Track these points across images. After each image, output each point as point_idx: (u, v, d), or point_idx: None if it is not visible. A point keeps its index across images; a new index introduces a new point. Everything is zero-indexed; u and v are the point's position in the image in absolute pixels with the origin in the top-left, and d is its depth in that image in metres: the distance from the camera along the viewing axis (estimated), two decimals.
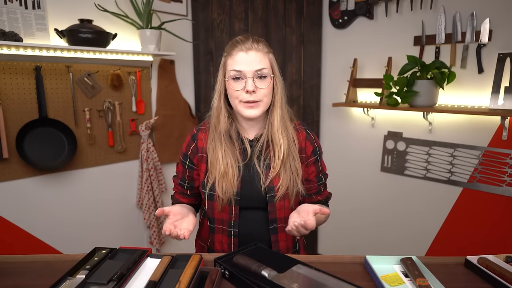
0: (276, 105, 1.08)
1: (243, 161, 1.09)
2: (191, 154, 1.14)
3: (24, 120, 1.75)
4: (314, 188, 1.17)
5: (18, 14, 1.65)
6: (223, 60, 1.07)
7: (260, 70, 1.02)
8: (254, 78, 1.01)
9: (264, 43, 1.06)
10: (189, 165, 1.15)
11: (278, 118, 1.08)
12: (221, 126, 1.08)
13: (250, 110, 1.03)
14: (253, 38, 1.05)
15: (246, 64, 1.01)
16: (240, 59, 1.02)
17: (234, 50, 1.03)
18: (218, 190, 1.05)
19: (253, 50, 1.02)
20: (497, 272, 0.86)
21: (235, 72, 1.02)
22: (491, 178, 1.86)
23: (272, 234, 1.10)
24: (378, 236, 2.39)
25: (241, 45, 1.02)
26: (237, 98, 1.03)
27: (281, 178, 1.06)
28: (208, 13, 2.39)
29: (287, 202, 1.09)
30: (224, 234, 1.11)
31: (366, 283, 0.87)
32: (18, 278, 0.89)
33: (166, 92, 2.30)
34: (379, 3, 2.19)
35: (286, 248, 1.14)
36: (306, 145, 1.13)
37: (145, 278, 0.86)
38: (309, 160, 1.14)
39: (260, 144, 1.09)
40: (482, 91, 1.85)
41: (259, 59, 1.02)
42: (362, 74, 2.33)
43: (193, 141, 1.14)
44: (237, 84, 1.03)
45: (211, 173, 1.08)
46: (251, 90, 1.01)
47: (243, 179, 1.08)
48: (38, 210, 1.87)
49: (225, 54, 1.07)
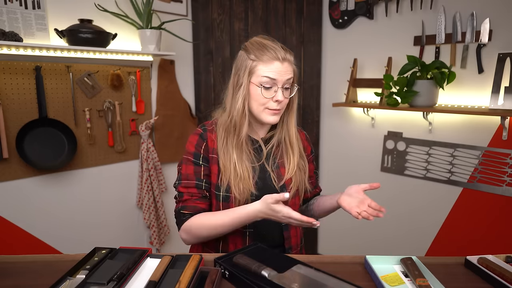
0: (293, 110, 1.12)
1: (257, 162, 1.10)
2: (204, 152, 1.10)
3: (24, 120, 1.75)
4: (313, 183, 1.26)
5: (18, 14, 1.65)
6: (251, 64, 1.03)
7: (289, 80, 1.05)
8: (282, 88, 1.04)
9: (293, 54, 1.07)
10: (203, 163, 1.09)
11: (294, 123, 1.13)
12: (244, 129, 1.06)
13: (273, 117, 1.06)
14: (283, 47, 1.04)
15: (281, 74, 1.02)
16: (276, 68, 1.01)
17: (266, 56, 1.01)
18: (235, 191, 1.05)
19: (287, 61, 1.03)
20: (497, 272, 0.86)
21: (268, 80, 1.02)
22: (491, 178, 1.86)
23: (284, 230, 1.13)
24: (378, 236, 2.39)
25: (275, 52, 1.02)
26: (263, 105, 1.05)
27: (293, 178, 1.12)
28: (208, 13, 2.39)
29: (297, 200, 1.16)
30: (238, 234, 1.10)
31: (366, 283, 0.87)
32: (18, 278, 0.89)
33: (166, 92, 2.30)
34: (379, 3, 2.19)
35: (296, 243, 1.16)
36: (306, 145, 1.23)
37: (145, 278, 0.86)
38: (309, 158, 1.22)
39: (272, 145, 1.13)
40: (482, 91, 1.85)
41: (290, 70, 1.05)
42: (362, 74, 2.33)
43: (203, 141, 1.10)
44: (267, 92, 1.03)
45: (225, 175, 1.06)
46: (281, 100, 1.03)
47: (259, 178, 1.10)
48: (38, 210, 1.87)
49: (252, 57, 1.03)
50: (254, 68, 1.03)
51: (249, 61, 1.03)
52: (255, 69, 1.03)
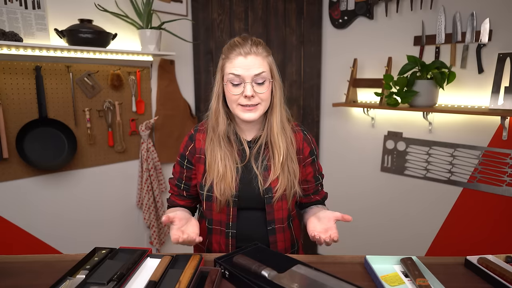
0: (275, 107, 1.08)
1: (241, 163, 1.09)
2: (189, 155, 1.13)
3: (24, 120, 1.75)
4: (312, 188, 1.18)
5: (18, 14, 1.65)
6: (221, 63, 1.06)
7: (259, 74, 1.01)
8: (252, 83, 1.01)
9: (263, 45, 1.04)
10: (187, 165, 1.14)
11: (278, 121, 1.08)
12: (220, 128, 1.07)
13: (248, 114, 1.03)
14: (252, 41, 1.02)
15: (245, 68, 1.00)
16: (239, 63, 1.00)
17: (232, 53, 1.02)
18: (216, 192, 1.05)
19: (252, 55, 1.00)
20: (497, 272, 0.86)
21: (233, 76, 1.01)
22: (491, 178, 1.86)
23: (270, 235, 1.10)
24: (378, 236, 2.39)
25: (240, 48, 1.01)
26: (235, 102, 1.03)
27: (279, 180, 1.07)
28: (208, 13, 2.39)
29: (285, 203, 1.10)
30: (222, 235, 1.11)
31: (366, 283, 0.87)
32: (18, 278, 0.89)
33: (166, 92, 2.30)
34: (379, 3, 2.19)
35: (285, 248, 1.14)
36: (304, 146, 1.14)
37: (145, 278, 0.86)
38: (307, 161, 1.15)
39: (258, 146, 1.09)
40: (482, 91, 1.85)
41: (258, 63, 1.01)
42: (362, 74, 2.33)
43: (191, 142, 1.14)
44: (235, 88, 1.02)
45: (209, 175, 1.08)
46: (250, 95, 1.00)
47: (241, 180, 1.08)
48: (38, 210, 1.87)
49: (223, 57, 1.05)
50: (223, 67, 1.05)
51: (221, 60, 1.06)
52: (224, 67, 1.05)
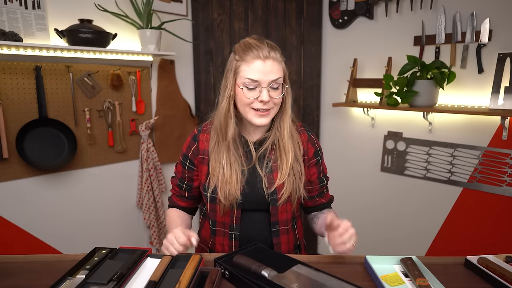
0: (286, 112, 1.07)
1: (247, 165, 1.08)
2: (191, 155, 1.12)
3: (24, 120, 1.75)
4: (316, 189, 1.17)
5: (18, 14, 1.65)
6: (235, 64, 1.01)
7: (276, 80, 0.99)
8: (268, 87, 0.99)
9: (279, 51, 1.02)
10: (189, 166, 1.13)
11: (288, 125, 1.07)
12: (230, 132, 1.04)
13: (261, 119, 1.02)
14: (268, 44, 1.00)
15: (263, 74, 0.97)
16: (257, 68, 0.97)
17: (249, 55, 0.98)
18: (221, 195, 1.04)
19: (270, 59, 0.98)
20: (497, 272, 0.86)
21: (250, 81, 0.98)
22: (491, 178, 1.86)
23: (274, 236, 1.10)
24: (378, 236, 2.39)
25: (258, 51, 0.98)
26: (248, 106, 1.01)
27: (285, 183, 1.06)
28: (208, 13, 2.39)
29: (289, 206, 1.10)
30: (226, 236, 1.10)
31: (366, 283, 0.87)
32: (18, 278, 0.89)
33: (166, 92, 2.30)
34: (379, 3, 2.19)
35: (288, 250, 1.13)
36: (308, 147, 1.13)
37: (145, 278, 0.86)
38: (311, 162, 1.14)
39: (265, 148, 1.08)
40: (482, 91, 1.85)
41: (276, 69, 0.99)
42: (362, 74, 2.33)
43: (195, 142, 1.12)
44: (250, 92, 0.99)
45: (213, 177, 1.06)
46: (266, 101, 0.99)
47: (246, 183, 1.07)
48: (38, 210, 1.87)
49: (237, 58, 1.01)
50: (238, 69, 1.00)
51: (234, 61, 1.02)
52: (239, 69, 1.00)
